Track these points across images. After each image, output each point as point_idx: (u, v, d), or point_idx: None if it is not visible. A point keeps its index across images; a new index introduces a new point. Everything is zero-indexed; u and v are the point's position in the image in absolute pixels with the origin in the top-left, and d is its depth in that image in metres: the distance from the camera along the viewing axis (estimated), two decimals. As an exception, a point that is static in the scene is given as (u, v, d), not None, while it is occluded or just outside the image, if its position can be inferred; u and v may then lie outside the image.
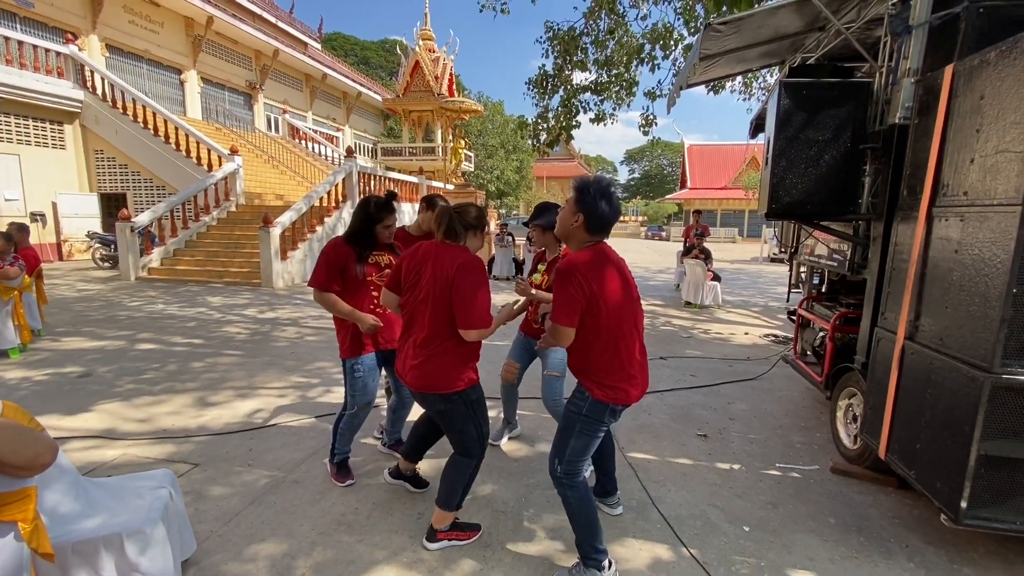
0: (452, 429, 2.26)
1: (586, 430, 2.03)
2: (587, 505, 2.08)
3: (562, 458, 2.06)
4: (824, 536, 2.46)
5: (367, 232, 2.68)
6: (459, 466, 2.26)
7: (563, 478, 2.07)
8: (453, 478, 2.26)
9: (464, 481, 2.27)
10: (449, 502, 2.27)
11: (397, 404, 3.12)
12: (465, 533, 2.33)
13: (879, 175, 2.97)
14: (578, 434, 2.03)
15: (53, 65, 12.83)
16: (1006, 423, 1.97)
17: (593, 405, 1.99)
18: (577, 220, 1.95)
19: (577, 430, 2.03)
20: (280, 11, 23.46)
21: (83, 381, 4.45)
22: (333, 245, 2.66)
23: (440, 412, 2.23)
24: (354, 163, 12.56)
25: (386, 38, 47.44)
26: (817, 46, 4.11)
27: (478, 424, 2.25)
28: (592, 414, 2.00)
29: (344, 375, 2.75)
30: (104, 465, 2.99)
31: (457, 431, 2.25)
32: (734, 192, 35.79)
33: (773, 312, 8.78)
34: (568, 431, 2.05)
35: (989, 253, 1.98)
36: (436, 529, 2.29)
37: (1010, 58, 1.94)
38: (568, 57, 9.56)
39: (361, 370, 2.69)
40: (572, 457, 2.05)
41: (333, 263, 2.61)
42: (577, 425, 2.03)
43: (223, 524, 2.44)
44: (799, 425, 3.84)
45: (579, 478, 2.08)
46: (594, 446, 2.09)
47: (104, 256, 11.87)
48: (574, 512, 2.08)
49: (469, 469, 2.27)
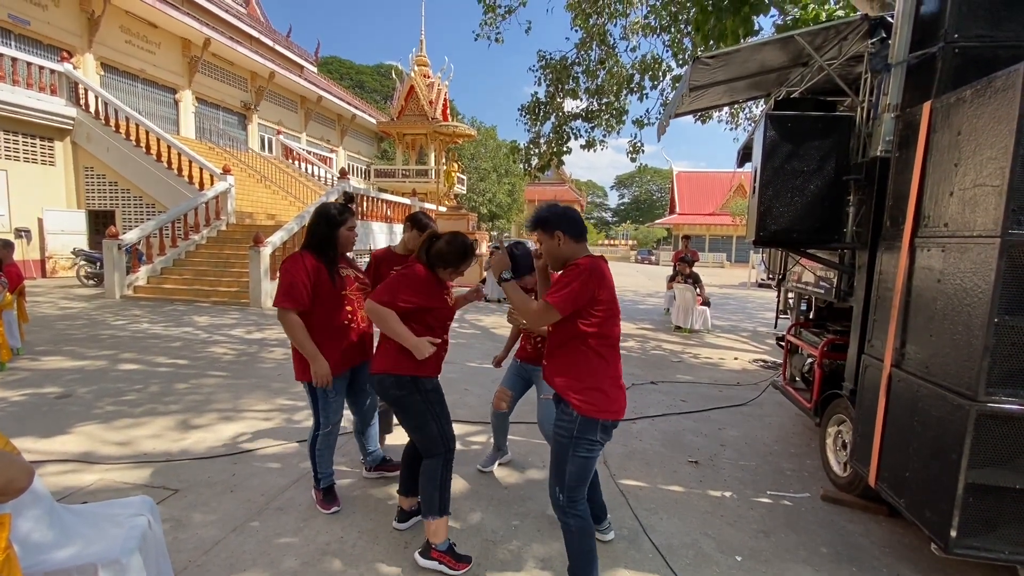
0: (410, 423, 2.29)
1: (579, 451, 1.99)
2: (588, 536, 2.05)
3: (562, 485, 2.01)
4: (816, 566, 2.44)
5: (330, 237, 2.59)
6: (428, 471, 2.28)
7: (566, 506, 2.02)
8: (427, 485, 2.27)
9: (437, 483, 2.26)
10: (431, 508, 2.26)
11: (360, 426, 3.05)
12: (458, 563, 2.27)
13: (863, 205, 3.05)
14: (572, 457, 2.00)
15: (47, 82, 12.86)
16: (992, 451, 1.99)
17: (582, 423, 1.97)
18: (560, 239, 2.02)
19: (571, 453, 1.99)
20: (277, 34, 23.82)
21: (62, 402, 4.33)
22: (297, 258, 2.50)
23: (396, 399, 2.27)
24: (347, 184, 12.64)
25: (381, 63, 48.34)
26: (801, 80, 4.25)
27: (437, 419, 2.28)
28: (582, 432, 1.97)
29: (311, 396, 2.65)
30: (81, 490, 2.89)
31: (416, 426, 2.28)
32: (722, 218, 36.43)
33: (761, 337, 8.85)
34: (562, 456, 2.02)
35: (971, 283, 2.03)
36: (431, 544, 2.27)
37: (985, 96, 2.02)
38: (560, 85, 9.79)
39: (332, 391, 2.62)
40: (572, 482, 2.01)
41: (301, 278, 2.45)
42: (570, 448, 1.99)
43: (203, 553, 2.36)
44: (789, 452, 3.83)
45: (582, 505, 2.05)
46: (592, 467, 2.05)
47: (89, 274, 11.70)
48: (575, 541, 2.04)
49: (438, 470, 2.27)
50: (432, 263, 2.32)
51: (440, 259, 2.31)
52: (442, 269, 2.33)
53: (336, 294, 2.59)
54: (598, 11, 9.19)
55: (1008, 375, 1.94)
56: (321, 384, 2.53)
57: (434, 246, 2.31)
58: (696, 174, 42.82)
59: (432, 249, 2.31)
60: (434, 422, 2.27)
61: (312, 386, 2.60)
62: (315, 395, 2.63)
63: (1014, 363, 1.93)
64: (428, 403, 2.27)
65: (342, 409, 2.76)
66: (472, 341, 7.46)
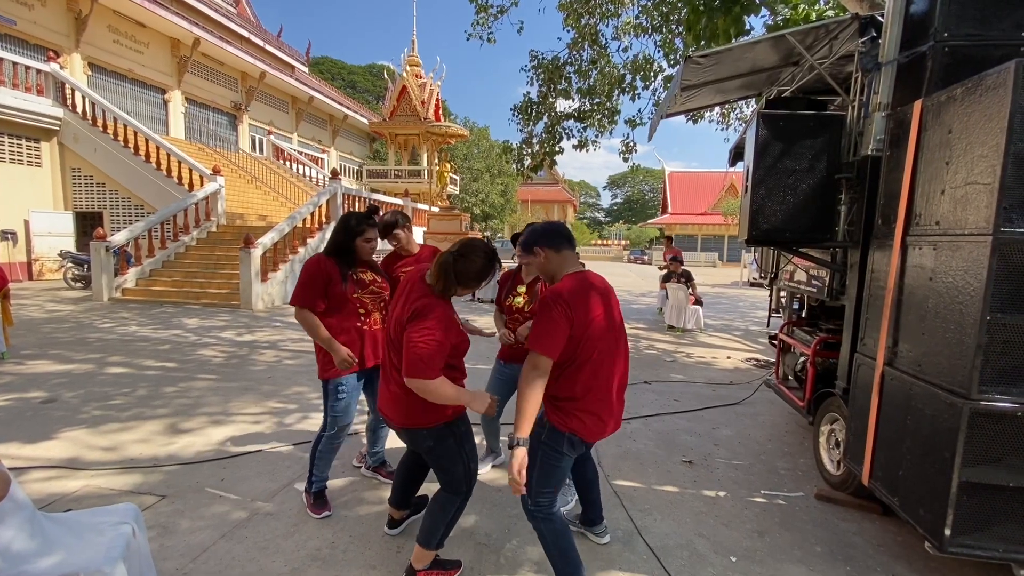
0: (440, 464, 2.12)
1: (546, 459, 1.96)
2: (562, 539, 2.01)
3: (530, 489, 1.97)
4: (811, 566, 2.43)
5: (348, 247, 2.63)
6: (445, 504, 2.14)
7: (534, 510, 2.00)
8: (437, 515, 2.14)
9: (448, 519, 2.14)
10: (430, 540, 2.14)
11: (374, 423, 3.06)
12: (447, 571, 2.23)
13: (854, 204, 3.06)
14: (540, 463, 1.95)
15: (33, 82, 12.67)
16: (986, 449, 1.99)
17: (550, 431, 1.94)
18: (543, 254, 2.00)
19: (538, 459, 1.95)
20: (268, 34, 23.65)
21: (47, 407, 4.25)
22: (315, 261, 2.60)
23: (429, 449, 2.10)
24: (339, 184, 12.56)
25: (373, 63, 48.12)
26: (792, 80, 4.27)
27: (466, 460, 2.12)
28: (549, 441, 1.95)
29: (324, 395, 2.67)
30: (65, 497, 2.83)
31: (445, 467, 2.12)
32: (714, 218, 36.61)
33: (754, 336, 8.88)
34: (531, 461, 1.97)
35: (963, 281, 2.03)
36: (416, 568, 2.18)
37: (976, 94, 2.03)
38: (552, 85, 9.79)
39: (345, 391, 2.62)
40: (539, 487, 1.97)
41: (316, 280, 2.54)
42: (538, 453, 1.96)
43: (190, 561, 2.31)
44: (783, 451, 3.84)
45: (552, 510, 2.01)
46: (559, 476, 2.00)
47: (76, 276, 11.54)
48: (549, 547, 2.01)
49: (454, 507, 2.14)
50: (459, 284, 1.98)
51: (470, 278, 1.99)
52: (463, 288, 2.02)
53: (349, 298, 2.61)
54: (590, 11, 9.21)
55: (1001, 373, 1.94)
56: (345, 369, 2.55)
57: (457, 266, 1.96)
58: (688, 174, 43.03)
59: (458, 270, 1.96)
60: (463, 463, 2.12)
61: (327, 384, 2.63)
62: (328, 394, 2.64)
63: (1007, 361, 1.93)
64: (460, 444, 2.11)
65: (353, 415, 2.73)
66: (465, 342, 7.43)
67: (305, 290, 2.54)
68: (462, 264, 1.96)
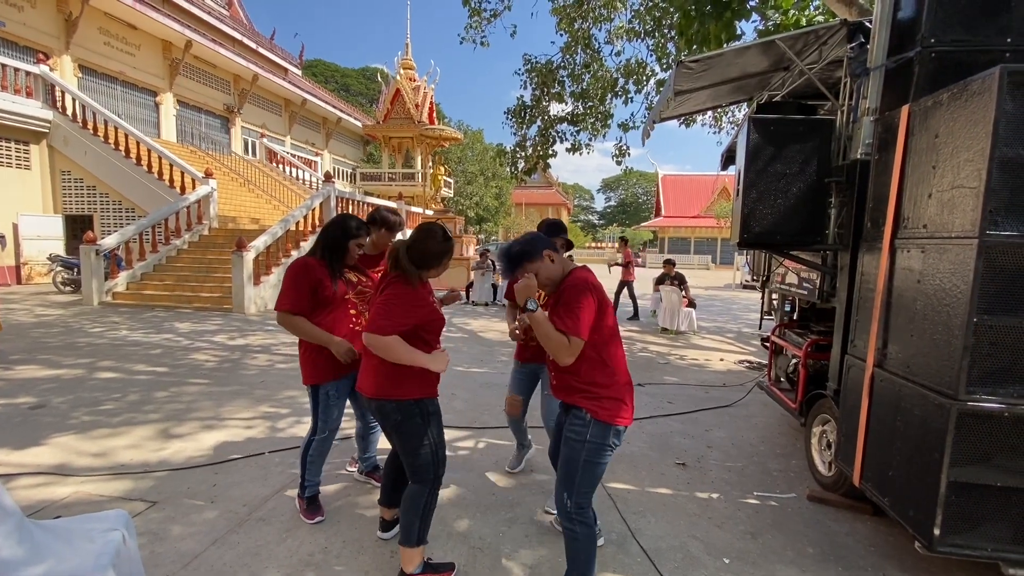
0: (406, 447, 2.13)
1: (593, 458, 1.96)
2: (593, 543, 2.02)
3: (571, 492, 1.98)
4: (803, 567, 2.45)
5: (341, 247, 2.61)
6: (413, 497, 2.15)
7: (574, 513, 1.99)
8: (409, 511, 2.14)
9: (420, 512, 2.13)
10: (409, 537, 2.14)
11: (363, 430, 3.05)
12: (439, 575, 2.23)
13: (844, 207, 3.09)
14: (584, 464, 1.96)
15: (22, 84, 12.56)
16: (974, 449, 2.01)
17: (597, 428, 1.94)
18: (549, 259, 2.00)
19: (583, 460, 1.96)
20: (261, 37, 23.58)
21: (36, 412, 4.20)
22: (302, 264, 2.55)
23: (396, 424, 2.11)
24: (332, 187, 12.52)
25: (367, 66, 48.08)
26: (783, 84, 4.31)
27: (432, 444, 2.13)
28: (596, 438, 1.95)
29: (313, 400, 2.64)
30: (54, 504, 2.80)
31: (412, 450, 2.12)
32: (706, 220, 36.81)
33: (747, 338, 8.93)
34: (574, 462, 1.98)
35: (950, 283, 2.05)
36: (407, 572, 2.16)
37: (961, 100, 2.06)
38: (545, 89, 9.82)
39: (332, 395, 2.61)
40: (583, 489, 1.98)
41: (303, 283, 2.50)
42: (583, 454, 1.96)
43: (181, 567, 2.29)
44: (775, 452, 3.86)
45: (590, 512, 2.02)
46: (600, 474, 2.03)
47: (66, 280, 11.42)
48: (580, 549, 2.00)
49: (423, 498, 2.14)
50: (419, 267, 2.09)
51: (427, 259, 2.09)
52: (428, 271, 2.12)
53: (337, 299, 2.59)
54: (583, 15, 9.25)
55: (988, 374, 1.96)
56: (348, 360, 2.52)
57: (413, 249, 2.08)
58: (681, 177, 43.24)
59: (413, 253, 2.08)
60: (431, 447, 2.12)
61: (315, 390, 2.61)
62: (317, 399, 2.62)
63: (993, 362, 1.96)
64: (427, 423, 2.12)
65: (341, 416, 2.72)
66: (459, 345, 7.42)
67: (291, 294, 2.49)
68: (418, 247, 2.08)
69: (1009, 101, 1.86)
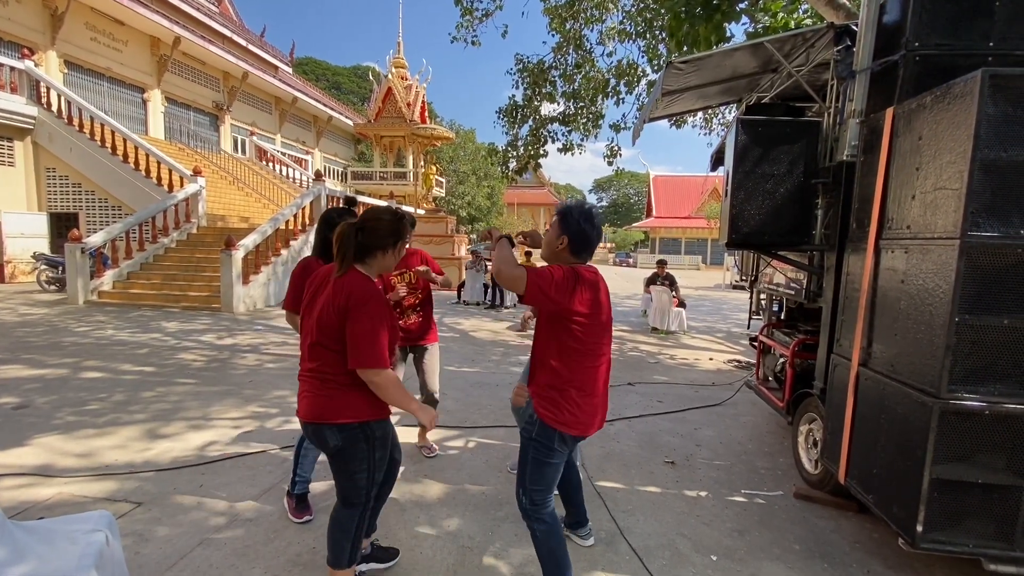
0: (343, 472, 1.94)
1: (540, 456, 1.96)
2: (554, 539, 2.01)
3: (524, 488, 1.99)
4: (789, 563, 2.48)
5: (328, 240, 2.60)
6: (342, 521, 1.98)
7: (529, 509, 2.00)
8: (337, 535, 1.99)
9: (351, 535, 1.98)
10: (339, 560, 2.00)
11: None
12: (381, 563, 2.25)
13: (830, 208, 3.13)
14: (532, 461, 1.97)
15: (6, 80, 12.35)
16: (955, 447, 2.04)
17: (541, 428, 1.94)
18: (562, 243, 1.96)
19: (530, 456, 1.97)
20: (251, 34, 23.36)
21: (19, 413, 4.14)
22: (302, 264, 2.62)
23: (337, 450, 1.89)
24: (323, 186, 12.43)
25: (359, 64, 47.85)
26: (771, 86, 4.35)
27: (371, 470, 1.94)
28: (540, 438, 1.95)
29: None
30: (37, 505, 2.76)
31: (348, 475, 1.94)
32: (697, 221, 37.08)
33: (736, 338, 9.01)
34: (524, 457, 2.00)
35: (932, 284, 2.09)
36: None
37: (944, 102, 2.09)
38: (537, 89, 9.84)
39: None
40: (532, 486, 1.98)
41: (300, 283, 2.52)
42: (530, 451, 1.97)
43: (166, 568, 2.27)
44: (763, 451, 3.90)
45: (546, 509, 2.02)
46: (553, 474, 2.01)
47: (51, 279, 11.24)
48: (540, 546, 2.02)
49: (354, 521, 1.98)
50: (371, 251, 1.90)
51: (379, 239, 1.89)
52: (383, 252, 1.92)
53: None
54: (574, 16, 9.28)
55: (969, 373, 2.00)
56: None
57: (361, 235, 1.87)
58: (672, 178, 43.51)
59: (362, 239, 1.87)
60: (368, 472, 1.94)
61: None
62: None
63: (975, 361, 1.99)
64: (372, 450, 1.92)
65: None
66: (451, 344, 7.41)
67: (293, 293, 2.57)
68: (370, 227, 1.89)
69: (991, 104, 1.90)
